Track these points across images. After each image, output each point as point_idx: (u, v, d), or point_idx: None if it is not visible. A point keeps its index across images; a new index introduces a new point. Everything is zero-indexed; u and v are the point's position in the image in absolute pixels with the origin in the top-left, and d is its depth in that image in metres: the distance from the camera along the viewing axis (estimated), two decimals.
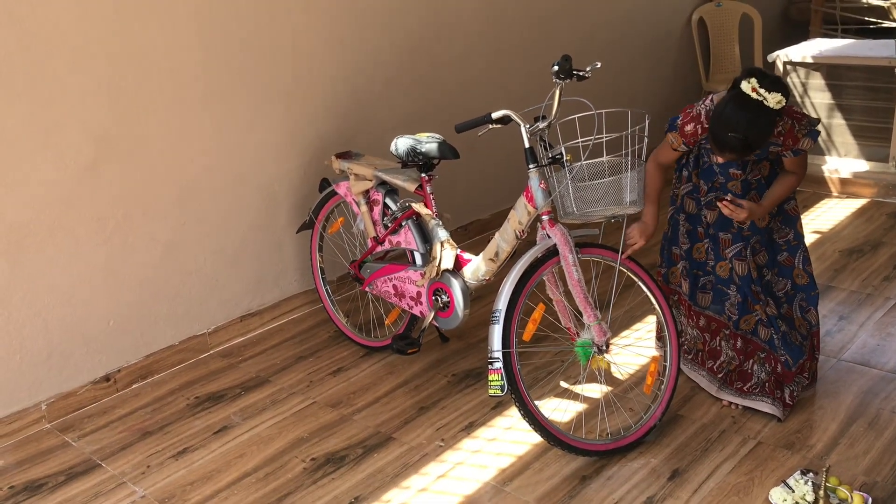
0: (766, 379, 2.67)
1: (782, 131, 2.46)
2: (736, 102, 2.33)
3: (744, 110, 2.31)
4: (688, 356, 2.86)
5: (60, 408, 2.94)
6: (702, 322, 2.78)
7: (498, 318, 2.46)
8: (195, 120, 3.14)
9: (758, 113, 2.31)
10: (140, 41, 2.93)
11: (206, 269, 3.29)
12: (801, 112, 2.53)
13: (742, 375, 2.73)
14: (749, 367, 2.71)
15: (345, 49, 3.58)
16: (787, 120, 2.46)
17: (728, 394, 2.75)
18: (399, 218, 2.97)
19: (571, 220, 2.51)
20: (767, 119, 2.32)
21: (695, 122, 2.54)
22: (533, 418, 2.46)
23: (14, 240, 2.74)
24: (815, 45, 5.05)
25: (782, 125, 2.45)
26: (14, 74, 2.65)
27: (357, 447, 2.68)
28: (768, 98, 2.29)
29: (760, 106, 2.30)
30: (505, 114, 2.60)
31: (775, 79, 2.34)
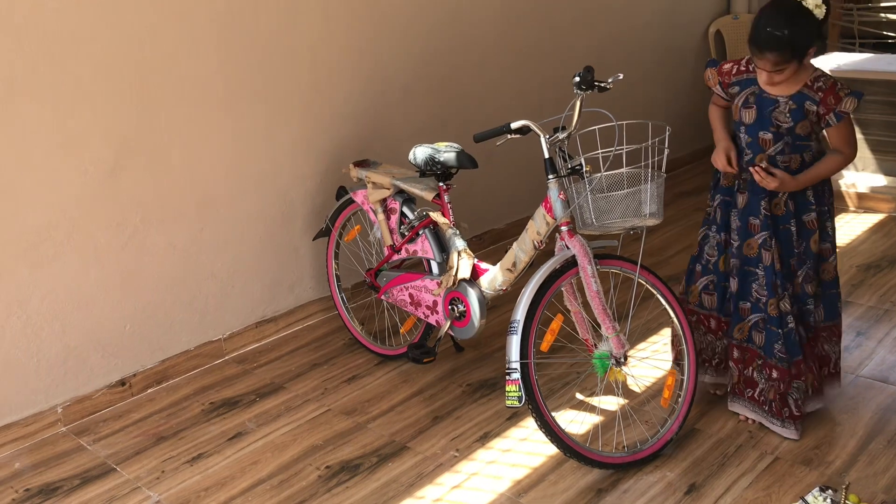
0: (768, 389, 2.64)
1: (823, 87, 2.39)
2: (774, 4, 2.36)
3: (783, 8, 2.32)
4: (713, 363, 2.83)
5: (76, 411, 2.94)
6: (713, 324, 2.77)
7: (516, 328, 2.45)
8: (214, 127, 3.16)
9: (797, 12, 2.30)
10: (161, 49, 2.95)
11: (222, 275, 3.30)
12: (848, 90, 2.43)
13: (749, 382, 2.70)
14: (751, 374, 2.69)
15: (363, 58, 3.59)
16: (829, 77, 2.41)
17: (741, 405, 2.73)
18: (416, 227, 2.97)
19: (590, 231, 2.50)
20: (807, 20, 2.29)
21: (734, 63, 2.57)
22: (550, 430, 2.45)
23: (34, 243, 2.75)
24: (832, 59, 5.03)
25: (824, 81, 2.39)
26: (38, 80, 2.67)
27: (372, 456, 2.68)
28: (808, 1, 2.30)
29: (800, 6, 2.30)
30: (524, 124, 2.59)
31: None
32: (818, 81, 2.40)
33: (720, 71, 2.59)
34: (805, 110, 2.43)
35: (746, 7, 5.70)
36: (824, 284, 2.69)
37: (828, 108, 2.40)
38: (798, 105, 2.43)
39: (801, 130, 2.47)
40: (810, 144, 2.50)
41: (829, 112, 2.41)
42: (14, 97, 2.63)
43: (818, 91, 2.40)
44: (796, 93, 2.42)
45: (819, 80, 2.40)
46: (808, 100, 2.41)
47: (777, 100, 2.45)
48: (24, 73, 2.63)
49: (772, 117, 2.47)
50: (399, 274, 3.10)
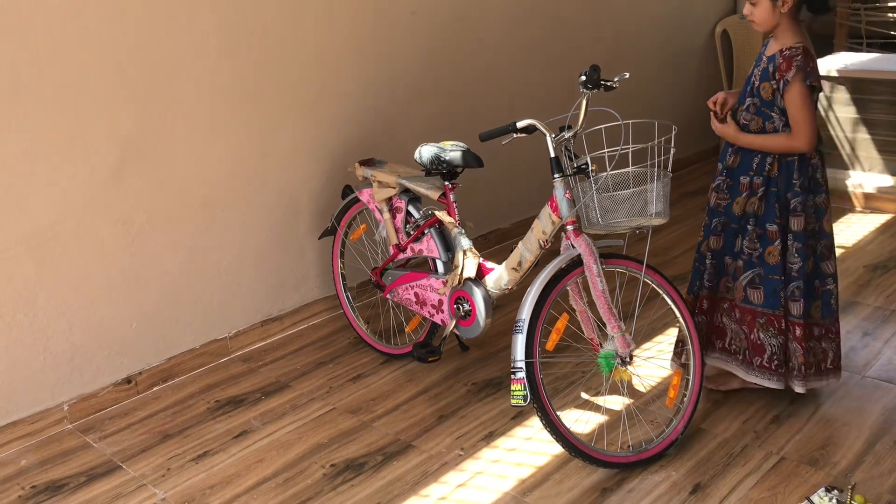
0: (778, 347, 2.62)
1: (789, 55, 2.48)
2: None
3: None
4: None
5: (82, 409, 2.95)
6: (705, 305, 2.78)
7: (521, 327, 2.45)
8: (220, 126, 3.16)
9: None
10: (166, 48, 2.95)
11: (227, 274, 3.30)
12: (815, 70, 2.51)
13: (756, 349, 2.69)
14: (757, 338, 2.68)
15: (369, 57, 3.60)
16: (800, 50, 2.47)
17: (756, 376, 2.71)
18: (422, 226, 2.97)
19: (596, 230, 2.50)
20: None
21: None
22: (555, 429, 2.45)
23: (40, 242, 2.76)
24: (839, 59, 5.02)
25: (794, 50, 2.48)
26: (43, 81, 2.67)
27: (377, 454, 2.68)
28: None
29: None
30: (530, 123, 2.59)
31: None
32: (791, 49, 2.49)
33: None
34: (769, 71, 2.53)
35: None
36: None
37: (781, 74, 2.49)
38: (769, 65, 2.54)
39: (765, 94, 2.56)
40: (773, 115, 2.56)
41: (781, 77, 2.50)
42: (20, 97, 2.64)
43: (784, 54, 2.49)
44: (773, 54, 2.53)
45: (792, 49, 2.49)
46: (773, 62, 2.53)
47: (763, 57, 2.59)
48: (29, 74, 2.64)
49: (751, 73, 2.63)
50: (404, 273, 3.10)
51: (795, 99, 2.47)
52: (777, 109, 2.54)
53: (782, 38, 2.53)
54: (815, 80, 2.48)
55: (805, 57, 2.47)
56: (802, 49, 2.48)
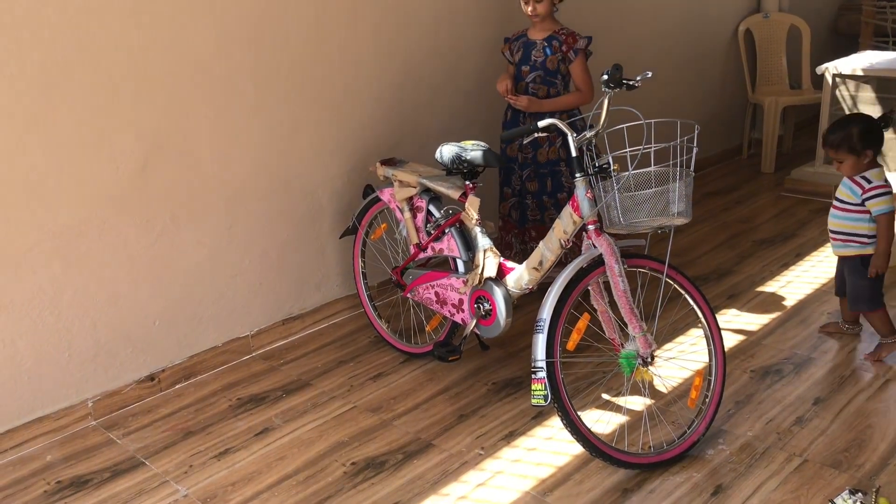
0: None
1: (567, 32, 3.35)
2: None
3: None
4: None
5: (106, 405, 2.98)
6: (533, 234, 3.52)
7: (542, 327, 2.45)
8: (244, 126, 3.18)
9: None
10: (192, 50, 2.98)
11: (250, 273, 3.33)
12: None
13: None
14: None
15: (392, 58, 3.61)
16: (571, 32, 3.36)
17: None
18: (442, 225, 2.97)
19: (617, 230, 2.49)
20: None
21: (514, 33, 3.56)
22: (576, 429, 2.44)
23: (66, 240, 2.80)
24: (865, 58, 4.97)
25: (567, 30, 3.36)
26: (71, 81, 2.70)
27: (397, 453, 2.68)
28: None
29: None
30: (551, 122, 2.59)
31: None
32: (565, 30, 3.38)
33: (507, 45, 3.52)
34: (553, 47, 3.35)
35: (777, 5, 5.64)
36: None
37: (569, 47, 3.34)
38: (548, 44, 3.36)
39: (551, 66, 3.37)
40: (556, 81, 3.39)
41: (569, 49, 3.34)
42: (48, 97, 2.67)
43: (562, 34, 3.36)
44: (548, 36, 3.38)
45: (565, 29, 3.38)
46: (556, 40, 3.35)
47: (535, 42, 3.40)
48: (57, 75, 2.67)
49: (529, 54, 3.40)
50: (425, 272, 3.10)
51: (581, 64, 3.35)
52: (559, 76, 3.38)
53: (550, 25, 3.39)
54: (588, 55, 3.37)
55: (577, 34, 3.36)
56: (571, 30, 3.37)
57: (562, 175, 3.45)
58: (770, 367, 3.07)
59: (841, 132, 2.94)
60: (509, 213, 3.62)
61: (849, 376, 2.97)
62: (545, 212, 3.51)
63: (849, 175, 2.98)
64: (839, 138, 2.94)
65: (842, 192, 3.02)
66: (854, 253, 3.02)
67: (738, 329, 3.37)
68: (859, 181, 2.95)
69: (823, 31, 6.38)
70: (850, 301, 3.10)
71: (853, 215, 2.99)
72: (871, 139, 2.92)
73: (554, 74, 3.38)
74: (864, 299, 3.04)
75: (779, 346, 3.23)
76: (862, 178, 2.95)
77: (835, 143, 2.95)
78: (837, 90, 4.85)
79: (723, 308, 3.55)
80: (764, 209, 4.76)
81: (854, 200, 2.97)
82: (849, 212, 3.00)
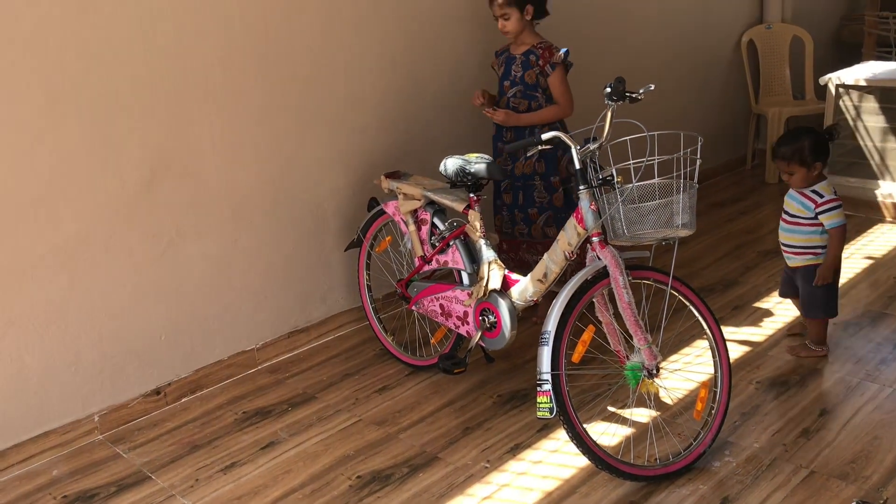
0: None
1: (544, 46, 3.32)
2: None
3: None
4: None
5: (112, 419, 2.99)
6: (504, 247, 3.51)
7: (547, 339, 2.45)
8: (249, 140, 3.20)
9: None
10: (197, 64, 3.00)
11: (255, 286, 3.34)
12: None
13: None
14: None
15: (396, 71, 3.62)
16: (549, 45, 3.32)
17: None
18: (447, 237, 2.98)
19: (622, 241, 2.50)
20: None
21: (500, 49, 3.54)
22: (582, 441, 2.44)
23: (73, 254, 2.81)
24: (868, 68, 4.98)
25: (545, 43, 3.32)
26: (77, 95, 2.73)
27: (402, 466, 2.68)
28: None
29: None
30: (554, 135, 2.60)
31: None
32: (543, 43, 3.33)
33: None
34: (531, 62, 3.32)
35: (780, 16, 5.65)
36: None
37: (545, 61, 3.30)
38: (526, 58, 3.33)
39: (530, 80, 3.34)
40: (537, 95, 3.35)
41: (546, 63, 3.30)
42: (55, 112, 2.69)
43: (540, 48, 3.32)
44: (526, 50, 3.34)
45: (543, 43, 3.33)
46: (533, 54, 3.32)
47: (515, 56, 3.37)
48: (64, 89, 2.70)
49: (509, 69, 3.38)
50: (430, 284, 3.11)
51: (559, 78, 3.31)
52: (540, 90, 3.34)
53: (528, 39, 3.35)
54: (567, 66, 3.35)
55: (554, 47, 3.32)
56: (550, 43, 3.34)
57: (534, 189, 3.40)
58: (776, 379, 3.07)
59: (792, 145, 2.98)
60: None
61: (855, 387, 2.97)
62: (515, 226, 3.48)
63: (798, 187, 3.04)
64: (790, 151, 2.99)
65: (791, 206, 3.09)
66: (807, 263, 3.08)
67: (743, 340, 3.37)
68: (811, 196, 3.01)
69: (826, 42, 6.39)
70: (805, 308, 3.16)
71: (805, 228, 3.05)
72: (820, 151, 2.98)
73: (534, 88, 3.35)
74: (821, 306, 3.11)
75: (784, 357, 3.22)
76: (813, 192, 3.01)
77: (786, 155, 3.00)
78: (841, 100, 4.85)
79: (728, 319, 3.55)
80: (768, 220, 4.76)
81: (807, 214, 3.03)
82: (801, 225, 3.06)
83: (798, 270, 3.13)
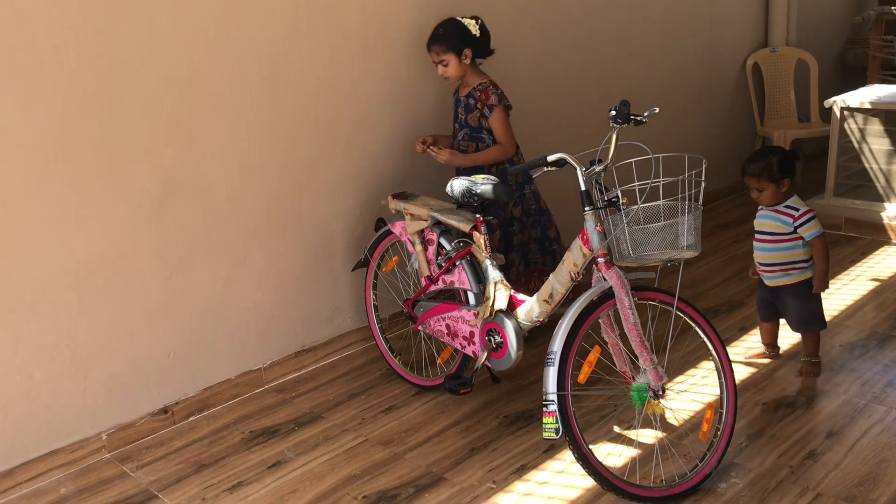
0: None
1: (483, 88, 3.34)
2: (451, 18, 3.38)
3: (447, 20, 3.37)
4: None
5: (120, 438, 3.00)
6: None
7: (553, 360, 2.46)
8: (258, 161, 3.24)
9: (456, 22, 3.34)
10: (208, 85, 3.04)
11: (263, 306, 3.36)
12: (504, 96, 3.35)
13: None
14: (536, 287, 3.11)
15: (403, 92, 3.66)
16: (488, 86, 3.34)
17: None
18: (453, 257, 3.00)
19: (627, 263, 2.51)
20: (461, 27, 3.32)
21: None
22: (587, 462, 2.44)
23: (83, 274, 2.84)
24: (873, 91, 5.00)
25: (484, 85, 3.34)
26: (90, 117, 2.77)
27: (409, 486, 2.69)
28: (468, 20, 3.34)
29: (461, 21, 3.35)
30: (560, 157, 2.62)
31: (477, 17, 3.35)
32: (482, 85, 3.35)
33: None
34: (471, 105, 3.35)
35: (784, 40, 5.70)
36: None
37: (483, 104, 3.32)
38: (468, 101, 3.37)
39: (472, 122, 3.38)
40: (483, 136, 3.38)
41: (484, 106, 3.32)
42: (67, 134, 2.73)
43: (478, 90, 3.34)
44: (468, 93, 3.38)
45: (482, 84, 3.35)
46: (472, 97, 3.35)
47: (460, 99, 3.43)
48: (76, 111, 2.74)
49: (457, 112, 3.44)
50: (436, 304, 3.12)
51: (498, 119, 3.32)
52: (485, 131, 3.36)
53: (472, 80, 3.37)
54: (507, 102, 3.35)
55: (495, 88, 3.33)
56: (490, 83, 3.34)
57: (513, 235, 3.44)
58: (782, 400, 3.07)
59: (761, 162, 3.05)
60: None
61: (862, 409, 2.96)
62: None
63: (768, 204, 3.10)
64: (760, 167, 3.05)
65: (766, 224, 3.13)
66: (796, 280, 3.10)
67: (749, 362, 3.37)
68: (786, 211, 3.07)
69: (831, 65, 6.43)
70: (799, 324, 3.18)
71: (786, 244, 3.09)
72: (788, 168, 3.06)
73: (479, 131, 3.37)
74: (816, 319, 3.15)
75: (790, 378, 3.22)
76: (787, 207, 3.07)
77: (756, 171, 3.06)
78: (846, 123, 4.88)
79: (734, 340, 3.55)
80: None
81: (785, 230, 3.07)
82: (780, 242, 3.09)
83: (783, 289, 3.14)
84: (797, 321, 3.18)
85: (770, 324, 3.32)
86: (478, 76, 3.38)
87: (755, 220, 3.18)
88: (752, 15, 5.64)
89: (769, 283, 3.18)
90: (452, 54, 3.31)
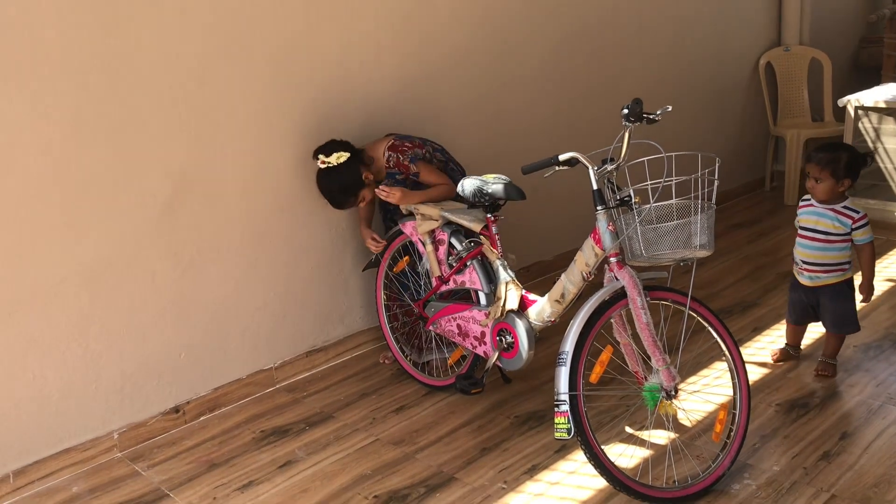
0: None
1: (392, 161, 3.22)
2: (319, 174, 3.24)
3: (324, 178, 3.23)
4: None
5: (131, 437, 3.01)
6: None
7: (565, 360, 2.45)
8: (269, 161, 3.24)
9: (328, 177, 3.20)
10: (219, 87, 3.04)
11: (274, 305, 3.36)
12: (409, 143, 3.23)
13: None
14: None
15: (415, 93, 3.66)
16: (394, 155, 3.21)
17: None
18: (464, 258, 2.99)
19: (640, 262, 2.49)
20: (338, 177, 3.18)
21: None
22: (599, 463, 2.43)
23: (95, 274, 2.85)
24: (887, 90, 4.97)
25: (388, 156, 3.22)
26: (102, 119, 2.77)
27: (419, 486, 2.68)
28: (331, 160, 3.13)
29: (329, 170, 3.17)
30: (572, 156, 2.61)
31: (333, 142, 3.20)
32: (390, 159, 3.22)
33: None
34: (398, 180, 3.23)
35: (797, 39, 5.66)
36: None
37: (406, 171, 3.21)
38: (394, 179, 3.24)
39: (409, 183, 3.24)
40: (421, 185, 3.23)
41: (408, 172, 3.20)
42: (80, 136, 2.74)
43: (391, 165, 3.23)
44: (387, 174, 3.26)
45: (389, 159, 3.23)
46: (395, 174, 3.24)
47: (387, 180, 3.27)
48: (89, 113, 2.74)
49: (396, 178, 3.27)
50: (447, 304, 3.12)
51: (426, 170, 3.20)
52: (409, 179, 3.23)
53: (379, 165, 3.27)
54: (419, 151, 3.24)
55: (397, 150, 3.22)
56: (389, 152, 3.22)
57: None
58: (796, 401, 3.04)
59: (831, 154, 3.00)
60: None
61: (877, 410, 2.94)
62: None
63: (820, 198, 3.05)
64: (827, 158, 3.00)
65: (820, 223, 3.06)
66: (837, 280, 3.08)
67: (762, 362, 3.35)
68: (846, 213, 3.02)
69: (845, 64, 6.38)
70: (836, 325, 3.15)
71: (837, 245, 3.05)
72: (854, 170, 3.00)
73: (419, 186, 3.24)
74: (852, 322, 3.13)
75: (804, 379, 3.20)
76: (846, 209, 3.02)
77: (823, 161, 3.01)
78: (860, 122, 4.84)
79: (747, 341, 3.53)
80: (788, 242, 4.73)
81: (842, 231, 3.03)
82: (834, 243, 3.05)
83: (823, 289, 3.10)
84: (833, 322, 3.14)
85: (801, 327, 3.28)
86: (378, 156, 3.26)
87: (802, 217, 3.11)
88: (765, 14, 5.61)
89: (809, 282, 3.13)
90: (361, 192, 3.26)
